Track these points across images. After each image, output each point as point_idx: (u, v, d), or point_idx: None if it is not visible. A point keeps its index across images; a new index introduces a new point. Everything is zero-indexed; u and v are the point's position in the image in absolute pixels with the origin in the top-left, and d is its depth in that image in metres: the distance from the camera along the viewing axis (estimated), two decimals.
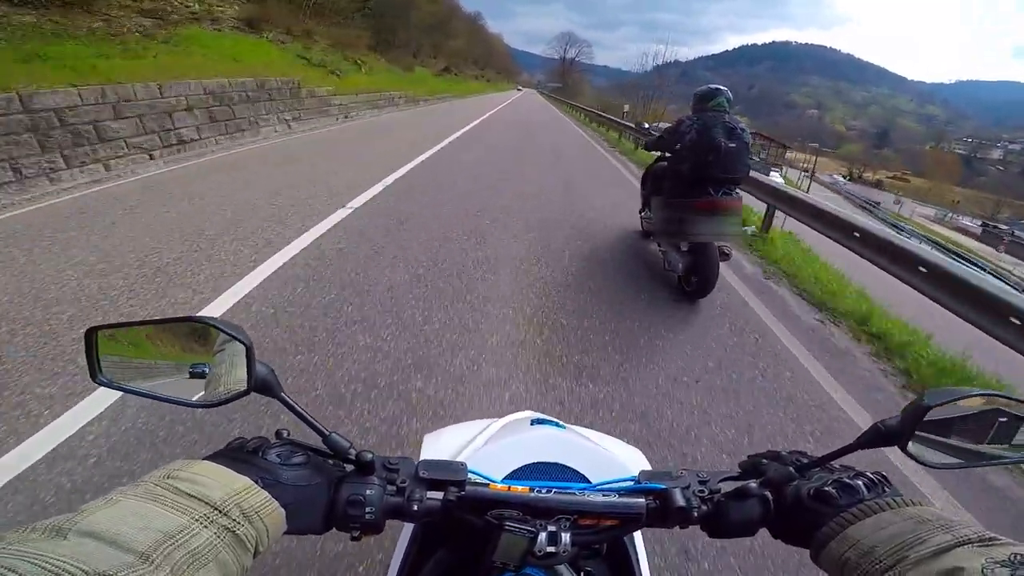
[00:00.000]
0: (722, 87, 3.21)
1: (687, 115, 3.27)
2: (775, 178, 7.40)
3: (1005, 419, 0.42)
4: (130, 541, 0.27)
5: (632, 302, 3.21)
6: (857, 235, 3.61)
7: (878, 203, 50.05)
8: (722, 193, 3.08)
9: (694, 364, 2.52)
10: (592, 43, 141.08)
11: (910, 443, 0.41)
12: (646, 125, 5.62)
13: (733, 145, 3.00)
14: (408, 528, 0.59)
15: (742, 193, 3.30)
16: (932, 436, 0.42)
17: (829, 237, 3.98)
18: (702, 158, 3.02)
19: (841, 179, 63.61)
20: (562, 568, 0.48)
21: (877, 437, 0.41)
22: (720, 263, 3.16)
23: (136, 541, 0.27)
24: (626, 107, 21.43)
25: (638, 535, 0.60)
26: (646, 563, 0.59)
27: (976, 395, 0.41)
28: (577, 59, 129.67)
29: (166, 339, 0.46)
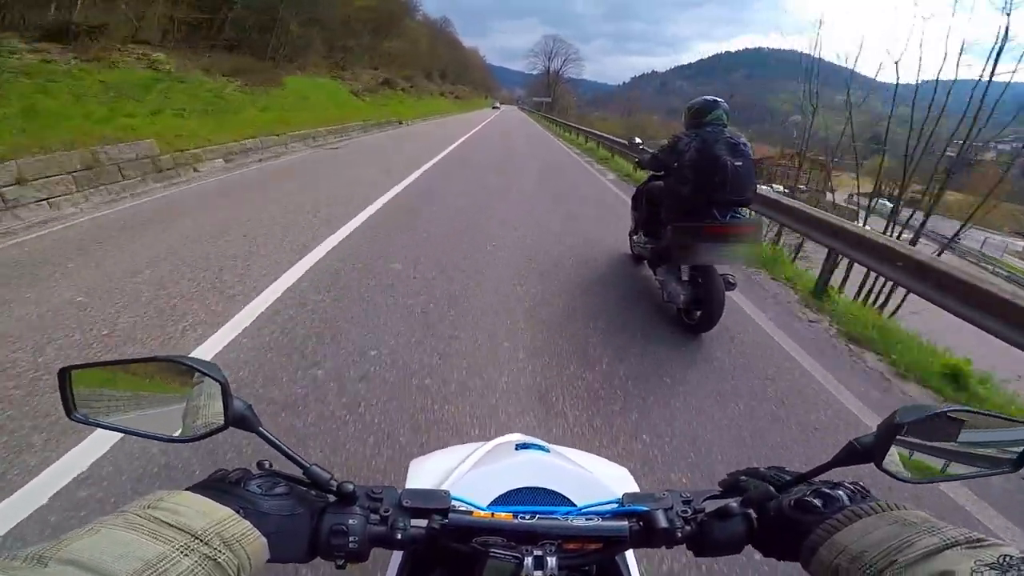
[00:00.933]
0: (719, 99, 2.96)
1: (683, 131, 2.99)
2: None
3: (976, 434, 0.43)
4: (111, 569, 0.27)
5: None
6: None
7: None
8: (730, 217, 2.78)
9: None
10: (576, 51, 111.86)
11: (885, 459, 0.42)
12: (638, 141, 5.12)
13: (739, 163, 2.69)
14: (398, 554, 0.59)
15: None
16: (907, 452, 0.43)
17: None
18: (706, 179, 2.72)
19: (888, 202, 53.32)
20: None
21: (853, 454, 0.42)
22: (726, 293, 2.80)
23: (117, 569, 0.27)
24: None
25: (630, 554, 0.60)
26: None
27: (947, 411, 0.42)
28: (563, 70, 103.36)
29: (142, 377, 0.46)
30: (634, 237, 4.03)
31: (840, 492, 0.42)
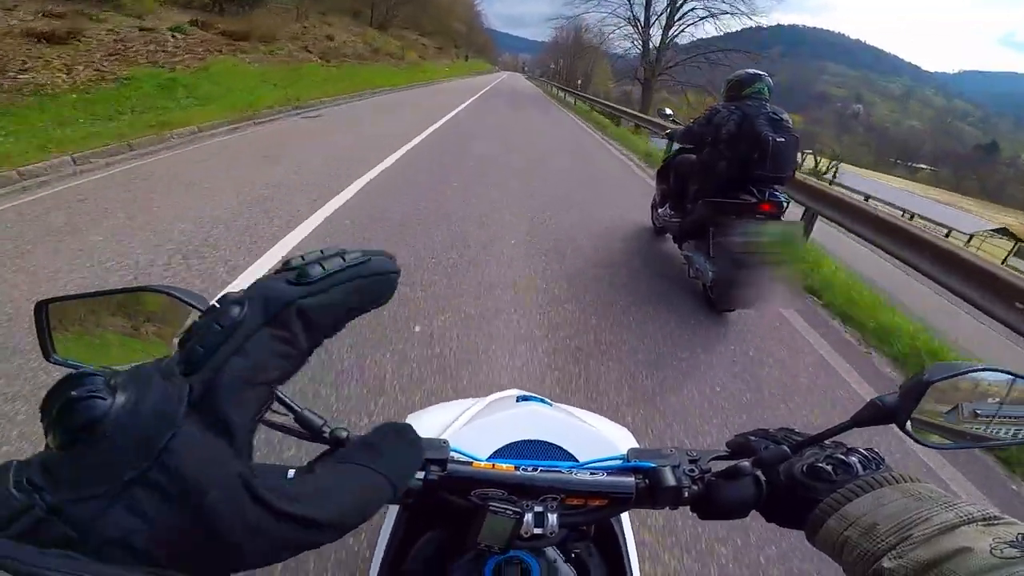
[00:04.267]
0: (761, 72, 2.99)
1: (721, 104, 3.05)
2: None
3: (1008, 398, 0.42)
4: None
5: None
6: None
7: None
8: (769, 195, 2.79)
9: None
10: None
11: (908, 421, 0.40)
12: (668, 112, 5.15)
13: (782, 139, 2.70)
14: (393, 510, 0.60)
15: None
16: (932, 414, 0.42)
17: None
18: (746, 154, 2.74)
19: None
20: (550, 550, 0.48)
21: (875, 414, 0.41)
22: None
23: None
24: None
25: (625, 516, 0.61)
26: (633, 544, 0.60)
27: (979, 370, 0.41)
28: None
29: (126, 310, 0.44)
30: (659, 210, 4.09)
31: (853, 459, 0.40)
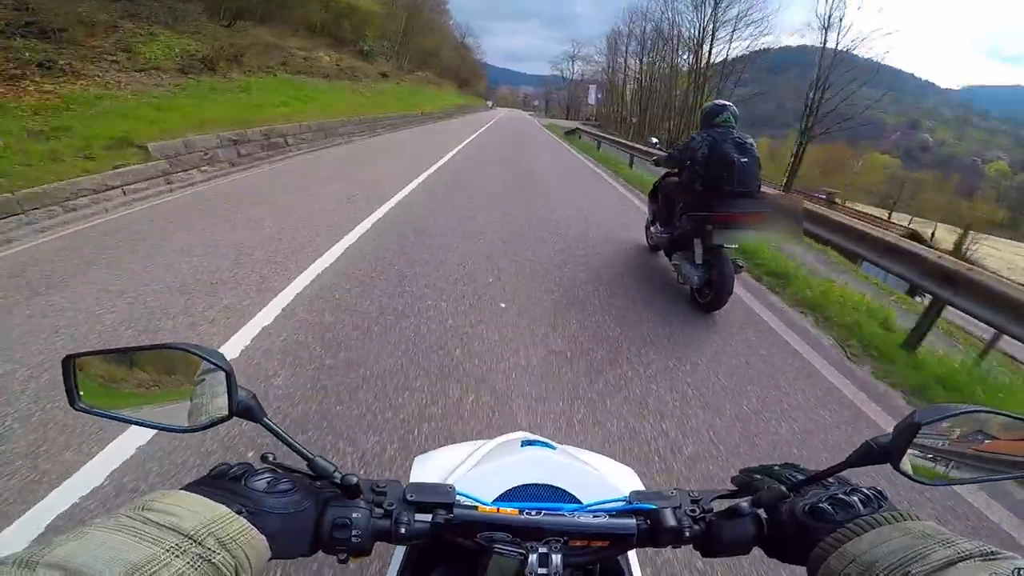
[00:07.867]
0: (728, 103, 3.67)
1: (697, 132, 3.70)
2: None
3: (996, 436, 0.45)
4: (97, 572, 0.29)
5: None
6: None
7: None
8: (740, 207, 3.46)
9: None
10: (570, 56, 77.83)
11: (902, 461, 0.43)
12: (654, 140, 7.01)
13: (745, 160, 3.36)
14: (400, 550, 0.62)
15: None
16: (925, 453, 0.45)
17: None
18: (716, 173, 3.40)
19: None
20: None
21: (870, 455, 0.44)
22: (735, 276, 3.47)
23: (103, 572, 0.29)
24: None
25: (632, 553, 0.64)
26: None
27: (968, 412, 0.43)
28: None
29: (147, 365, 0.48)
30: (651, 229, 4.91)
31: (855, 498, 0.44)
